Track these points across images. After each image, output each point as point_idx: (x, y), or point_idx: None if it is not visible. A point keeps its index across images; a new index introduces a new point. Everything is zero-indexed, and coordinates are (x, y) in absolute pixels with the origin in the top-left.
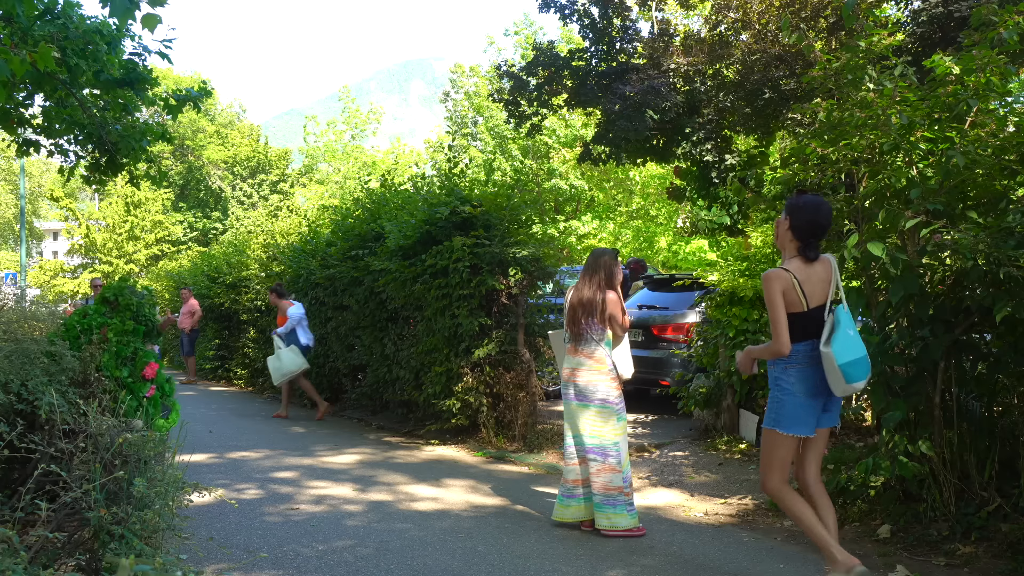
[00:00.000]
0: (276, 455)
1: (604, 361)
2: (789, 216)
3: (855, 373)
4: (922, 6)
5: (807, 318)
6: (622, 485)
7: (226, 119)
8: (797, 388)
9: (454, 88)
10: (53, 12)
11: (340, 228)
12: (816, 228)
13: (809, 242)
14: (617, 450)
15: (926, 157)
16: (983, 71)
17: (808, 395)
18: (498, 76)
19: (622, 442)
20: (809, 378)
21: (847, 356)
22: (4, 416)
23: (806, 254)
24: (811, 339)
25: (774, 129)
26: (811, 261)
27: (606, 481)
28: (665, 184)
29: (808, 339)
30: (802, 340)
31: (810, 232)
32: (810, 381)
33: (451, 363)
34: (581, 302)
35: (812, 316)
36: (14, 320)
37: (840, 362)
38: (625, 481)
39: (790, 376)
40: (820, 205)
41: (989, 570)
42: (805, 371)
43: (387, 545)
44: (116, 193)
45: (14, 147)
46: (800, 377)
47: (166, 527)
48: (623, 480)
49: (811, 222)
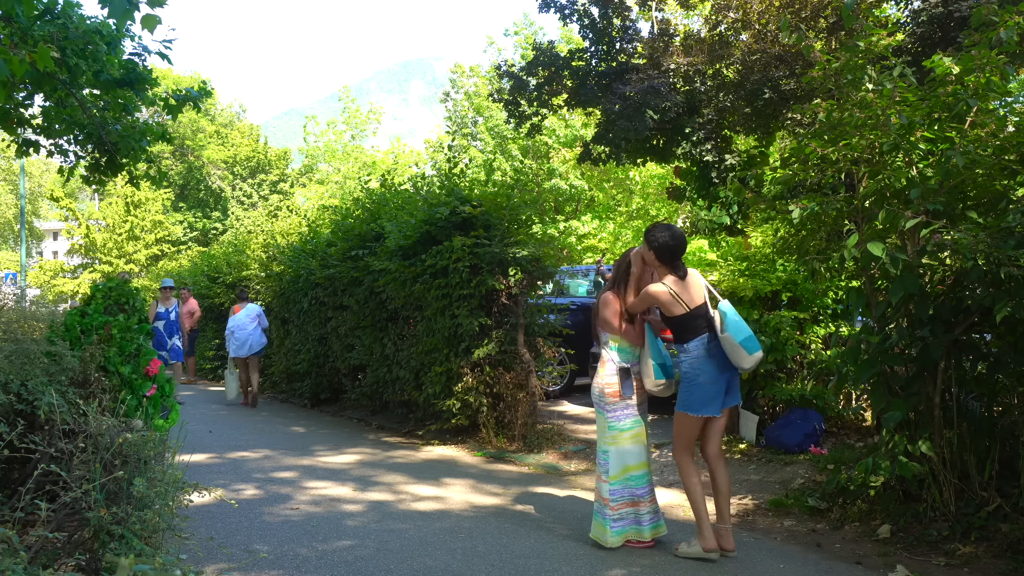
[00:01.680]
0: (276, 455)
1: (606, 364)
2: (648, 245)
3: (751, 346)
4: (922, 6)
5: (691, 317)
6: (608, 497)
7: (226, 119)
8: (702, 377)
9: (454, 88)
10: (53, 12)
11: (340, 228)
12: (674, 248)
13: (674, 262)
14: (606, 459)
15: (926, 157)
16: (983, 71)
17: (711, 381)
18: (498, 76)
19: (614, 452)
20: (707, 367)
21: (741, 335)
22: (4, 416)
23: (676, 272)
24: (701, 334)
25: (774, 129)
26: (682, 278)
27: (597, 488)
28: (665, 184)
29: (698, 334)
30: (693, 337)
31: (669, 252)
32: (709, 370)
33: (451, 363)
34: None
35: (695, 315)
36: (14, 320)
37: (738, 340)
38: (612, 494)
39: (693, 368)
40: (670, 228)
41: (989, 570)
42: (703, 362)
43: (387, 545)
44: (116, 193)
45: (14, 147)
46: (701, 368)
47: (166, 527)
48: (608, 492)
49: (665, 244)
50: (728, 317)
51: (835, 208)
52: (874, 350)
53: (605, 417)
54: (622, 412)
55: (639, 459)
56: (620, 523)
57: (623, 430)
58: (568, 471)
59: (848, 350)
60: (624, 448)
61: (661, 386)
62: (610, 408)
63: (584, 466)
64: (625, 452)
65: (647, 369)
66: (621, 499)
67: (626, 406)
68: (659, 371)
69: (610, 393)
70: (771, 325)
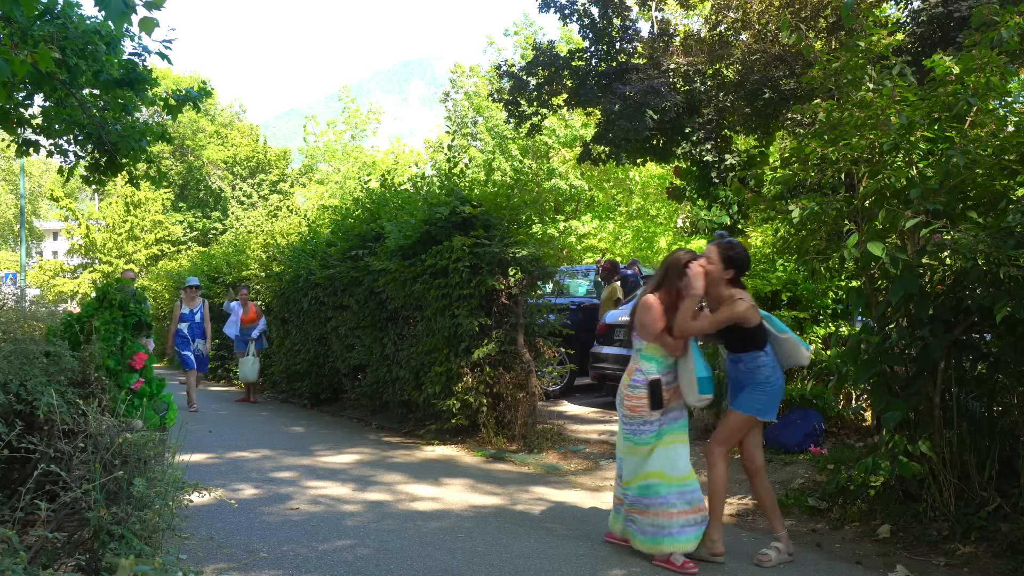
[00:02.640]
0: (276, 455)
1: (633, 373)
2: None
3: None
4: (922, 6)
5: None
6: (621, 495)
7: (226, 119)
8: (779, 382)
9: (454, 88)
10: (53, 12)
11: (340, 228)
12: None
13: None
14: (620, 464)
15: (926, 157)
16: (983, 71)
17: (782, 386)
18: (498, 76)
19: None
20: (779, 371)
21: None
22: (3, 416)
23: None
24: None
25: (774, 129)
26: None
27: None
28: (665, 184)
29: (765, 341)
30: (764, 344)
31: (746, 267)
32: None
33: (451, 363)
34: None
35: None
36: (14, 320)
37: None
38: (627, 498)
39: (775, 373)
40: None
41: (989, 570)
42: (776, 367)
43: (386, 545)
44: (116, 193)
45: (14, 147)
46: (776, 372)
47: (166, 527)
48: (622, 491)
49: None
50: (775, 320)
51: (835, 208)
52: (874, 350)
53: (623, 426)
54: (642, 427)
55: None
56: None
57: (639, 444)
58: (568, 471)
59: (848, 350)
60: (637, 459)
61: (705, 401)
62: (629, 421)
63: (584, 466)
64: (639, 463)
65: (690, 382)
66: (633, 503)
67: (643, 421)
68: (705, 385)
69: (630, 407)
70: None
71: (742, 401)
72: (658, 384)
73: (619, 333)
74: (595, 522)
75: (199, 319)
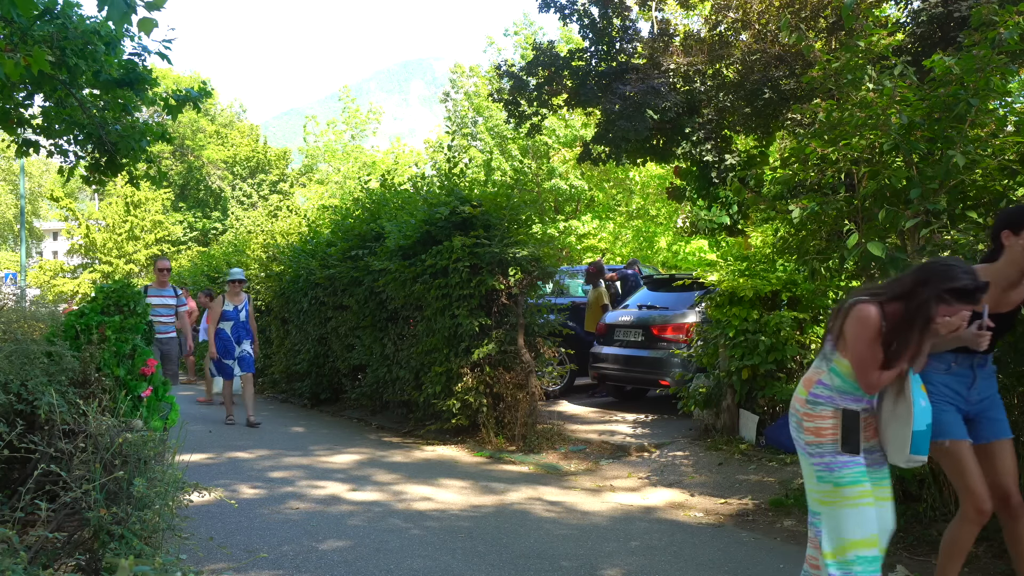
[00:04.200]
0: (275, 455)
1: (812, 381)
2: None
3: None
4: (922, 6)
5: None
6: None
7: (226, 119)
8: None
9: (454, 88)
10: (52, 12)
11: (340, 228)
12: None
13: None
14: (818, 525)
15: (926, 157)
16: (983, 71)
17: None
18: (498, 76)
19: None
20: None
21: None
22: (4, 416)
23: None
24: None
25: (774, 129)
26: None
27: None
28: (665, 184)
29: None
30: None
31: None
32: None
33: (451, 363)
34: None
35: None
36: (14, 320)
37: None
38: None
39: None
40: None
41: (989, 570)
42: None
43: (386, 545)
44: (116, 193)
45: (14, 147)
46: None
47: (166, 527)
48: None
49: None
50: None
51: (835, 208)
52: None
53: (809, 460)
54: (838, 457)
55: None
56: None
57: (844, 485)
58: (568, 471)
59: None
60: (841, 508)
61: (916, 463)
62: (815, 451)
63: (584, 466)
64: (847, 516)
65: (902, 436)
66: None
67: (836, 451)
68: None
69: (813, 430)
70: (771, 325)
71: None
72: (855, 418)
73: (619, 333)
74: (595, 522)
75: (244, 317)
